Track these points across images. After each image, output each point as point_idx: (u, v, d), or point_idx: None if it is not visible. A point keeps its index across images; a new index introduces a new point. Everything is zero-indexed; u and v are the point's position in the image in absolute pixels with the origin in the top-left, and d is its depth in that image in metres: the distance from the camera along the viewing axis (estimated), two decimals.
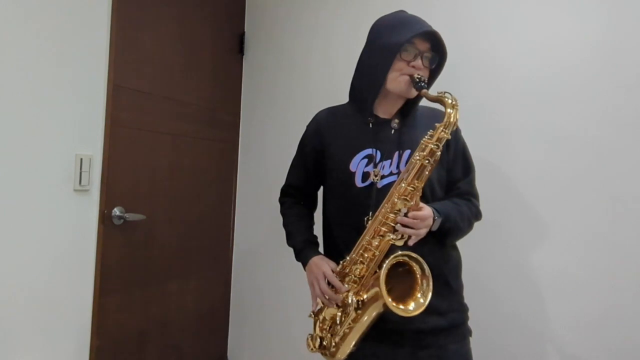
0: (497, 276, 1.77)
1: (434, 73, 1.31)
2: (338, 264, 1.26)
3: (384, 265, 1.13)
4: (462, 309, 1.32)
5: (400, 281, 1.15)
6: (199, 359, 2.25)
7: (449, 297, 1.27)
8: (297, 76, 2.30)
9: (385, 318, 1.18)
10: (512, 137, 1.77)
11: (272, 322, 2.29)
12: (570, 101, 1.68)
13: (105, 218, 1.76)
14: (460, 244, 1.35)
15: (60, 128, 1.60)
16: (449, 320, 1.26)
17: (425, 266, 1.15)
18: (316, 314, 1.30)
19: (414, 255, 1.15)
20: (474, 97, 1.82)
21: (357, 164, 1.28)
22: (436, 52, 1.28)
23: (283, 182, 1.51)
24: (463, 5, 1.88)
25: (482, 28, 1.84)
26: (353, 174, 1.27)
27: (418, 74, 1.23)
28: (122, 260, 1.85)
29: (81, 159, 1.66)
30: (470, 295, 1.37)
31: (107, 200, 1.77)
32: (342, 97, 1.41)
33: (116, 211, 1.81)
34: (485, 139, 1.79)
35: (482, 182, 1.39)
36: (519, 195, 1.75)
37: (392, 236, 1.16)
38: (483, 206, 1.37)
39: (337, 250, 1.31)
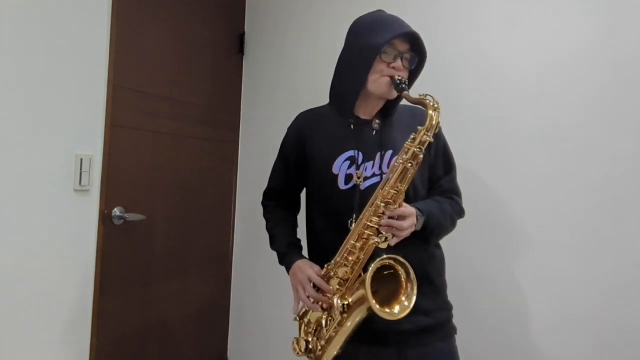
0: (490, 273, 1.78)
1: (413, 74, 1.31)
2: (322, 267, 1.25)
3: (369, 269, 1.12)
4: (447, 308, 1.32)
5: (385, 284, 1.15)
6: (199, 359, 2.25)
7: (433, 296, 1.28)
8: (297, 76, 2.30)
9: (372, 318, 1.17)
10: (510, 136, 1.77)
11: (272, 322, 2.29)
12: (569, 100, 1.68)
13: (105, 218, 1.76)
14: (455, 240, 1.36)
15: (60, 128, 1.60)
16: (434, 319, 1.26)
17: (411, 270, 1.15)
18: (301, 317, 1.30)
19: (399, 258, 1.15)
20: (471, 96, 1.82)
21: (340, 166, 1.27)
22: (415, 52, 1.28)
23: None
24: (461, 5, 1.88)
25: (479, 28, 1.84)
26: (336, 177, 1.27)
27: (398, 75, 1.23)
28: (122, 260, 1.85)
29: (81, 159, 1.66)
30: (463, 292, 1.37)
31: (107, 200, 1.77)
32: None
33: (116, 211, 1.80)
34: (483, 138, 1.80)
35: (480, 182, 1.39)
36: (513, 194, 1.75)
37: (375, 239, 1.16)
38: (477, 204, 1.37)
39: (322, 253, 1.30)
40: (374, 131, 1.31)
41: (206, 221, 2.28)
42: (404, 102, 1.35)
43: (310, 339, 1.25)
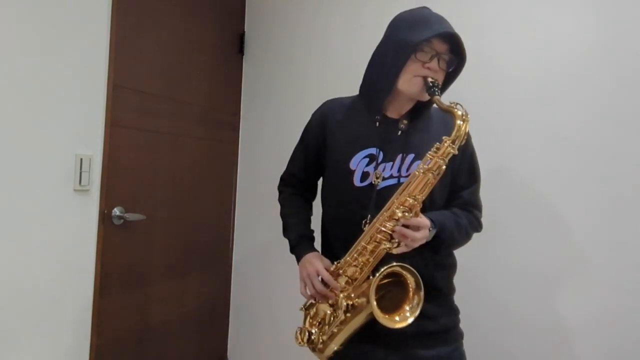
0: (496, 276, 1.78)
1: (450, 77, 1.25)
2: (332, 262, 1.24)
3: (377, 274, 1.12)
4: (453, 313, 1.30)
5: (395, 289, 1.14)
6: (199, 359, 2.25)
7: (439, 301, 1.25)
8: (296, 76, 2.30)
9: (377, 322, 1.15)
10: (511, 137, 1.77)
11: (272, 321, 2.29)
12: (569, 101, 1.68)
13: (105, 218, 1.76)
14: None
15: (60, 128, 1.60)
16: (439, 324, 1.24)
17: (421, 282, 1.13)
18: (307, 308, 1.29)
19: (411, 268, 1.13)
20: (472, 97, 1.81)
21: (358, 163, 1.24)
22: (455, 55, 1.22)
23: None
24: (462, 6, 1.88)
25: (480, 29, 1.84)
26: (352, 172, 1.24)
27: (432, 78, 1.18)
28: (122, 260, 1.85)
29: (81, 159, 1.66)
30: (466, 295, 1.37)
31: (107, 200, 1.77)
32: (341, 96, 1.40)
33: (116, 211, 1.80)
34: (484, 139, 1.79)
35: (482, 182, 1.38)
36: (518, 195, 1.75)
37: (387, 244, 1.14)
38: (484, 206, 1.36)
39: (332, 247, 1.30)
40: (400, 132, 1.25)
41: (206, 221, 2.28)
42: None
43: (314, 331, 1.24)
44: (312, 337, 1.24)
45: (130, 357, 1.91)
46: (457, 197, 1.28)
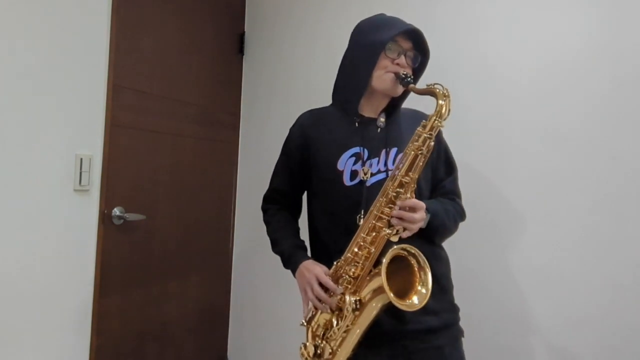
0: (491, 275, 1.78)
1: (417, 72, 1.32)
2: (330, 267, 1.23)
3: (383, 261, 1.10)
4: (454, 310, 1.32)
5: (395, 279, 1.12)
6: (199, 359, 2.25)
7: (441, 296, 1.26)
8: (297, 76, 2.30)
9: (379, 322, 1.16)
10: (510, 137, 1.77)
11: (272, 322, 2.29)
12: (566, 100, 1.68)
13: (105, 218, 1.76)
14: (456, 242, 1.35)
15: (60, 128, 1.60)
16: (442, 320, 1.25)
17: (421, 258, 1.14)
18: (308, 321, 1.25)
19: (409, 248, 1.13)
20: (471, 97, 1.82)
21: (345, 163, 1.27)
22: (419, 51, 1.29)
23: None
24: (461, 7, 1.88)
25: (479, 29, 1.84)
26: (341, 173, 1.26)
27: (403, 71, 1.25)
28: (122, 260, 1.85)
29: (81, 159, 1.66)
30: (465, 294, 1.37)
31: (107, 200, 1.77)
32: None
33: (116, 211, 1.81)
34: (483, 139, 1.80)
35: (477, 182, 1.39)
36: (514, 195, 1.75)
37: (387, 231, 1.14)
38: (478, 206, 1.37)
39: (326, 253, 1.28)
40: (379, 129, 1.31)
41: (206, 221, 2.28)
42: (407, 104, 1.34)
43: (318, 343, 1.20)
44: (319, 351, 1.20)
45: (130, 357, 1.91)
46: (440, 187, 1.34)
